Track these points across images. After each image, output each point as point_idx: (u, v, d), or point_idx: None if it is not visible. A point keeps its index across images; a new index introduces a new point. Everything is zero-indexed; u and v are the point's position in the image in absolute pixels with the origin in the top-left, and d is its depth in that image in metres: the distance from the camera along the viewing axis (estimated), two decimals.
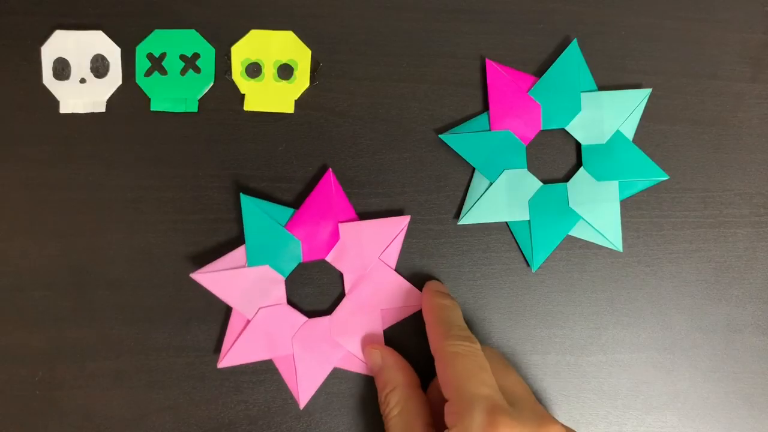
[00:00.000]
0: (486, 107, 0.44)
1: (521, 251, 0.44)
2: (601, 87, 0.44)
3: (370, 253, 0.42)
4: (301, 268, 0.43)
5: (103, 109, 0.43)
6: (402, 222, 0.43)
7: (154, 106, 0.43)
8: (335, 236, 0.42)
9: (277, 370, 0.43)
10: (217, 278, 0.41)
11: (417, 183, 0.44)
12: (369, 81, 0.44)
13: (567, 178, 0.44)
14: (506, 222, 0.44)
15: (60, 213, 0.43)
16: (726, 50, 0.46)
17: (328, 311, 0.43)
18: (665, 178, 0.44)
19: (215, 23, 0.44)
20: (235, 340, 0.41)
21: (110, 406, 0.42)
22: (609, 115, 0.44)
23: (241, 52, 0.44)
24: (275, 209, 0.42)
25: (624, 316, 0.44)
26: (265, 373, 0.43)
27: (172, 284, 0.43)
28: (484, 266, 0.44)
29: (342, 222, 0.42)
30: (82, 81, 0.43)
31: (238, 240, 0.43)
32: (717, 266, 0.45)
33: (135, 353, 0.43)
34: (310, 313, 0.43)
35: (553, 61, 0.44)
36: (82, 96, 0.43)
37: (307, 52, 0.44)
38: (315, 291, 0.43)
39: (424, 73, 0.44)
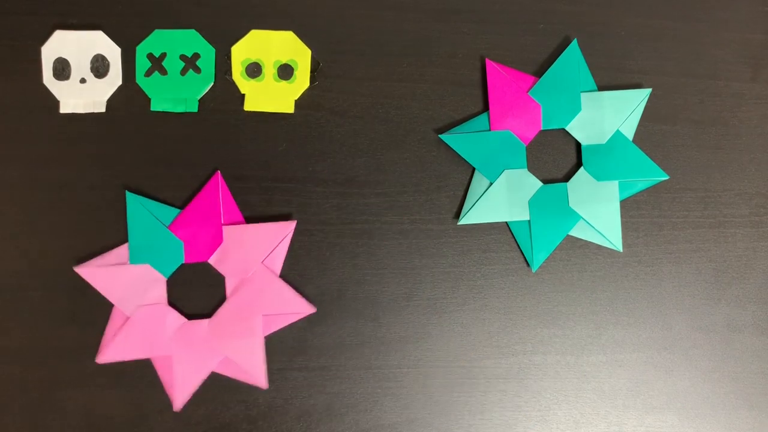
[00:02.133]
0: (486, 107, 0.44)
1: (521, 251, 0.44)
2: (601, 87, 0.44)
3: (253, 257, 0.41)
4: (184, 269, 0.42)
5: (103, 109, 0.43)
6: (288, 227, 0.42)
7: (154, 106, 0.43)
8: (219, 239, 0.42)
9: (277, 370, 0.43)
10: (99, 273, 0.41)
11: (417, 183, 0.44)
12: (369, 81, 0.44)
13: (567, 178, 0.44)
14: (506, 222, 0.44)
15: (60, 213, 0.43)
16: (726, 50, 0.46)
17: (209, 314, 0.42)
18: (665, 177, 0.44)
19: (215, 23, 0.44)
20: (115, 336, 0.41)
21: (110, 406, 0.42)
22: (609, 115, 0.44)
23: (241, 52, 0.44)
24: (160, 208, 0.42)
25: (624, 316, 0.44)
26: None
27: (172, 285, 0.43)
28: (484, 266, 0.44)
29: (226, 225, 0.42)
30: (82, 81, 0.43)
31: None
32: (717, 266, 0.45)
33: None
34: (192, 316, 0.42)
35: (553, 61, 0.44)
36: (82, 96, 0.43)
37: (307, 52, 0.44)
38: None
39: (424, 73, 0.44)
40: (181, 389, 0.41)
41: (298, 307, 0.42)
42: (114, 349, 0.41)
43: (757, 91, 0.46)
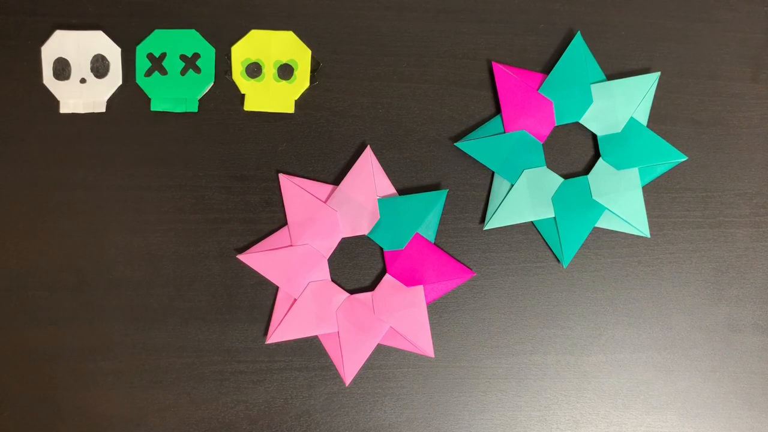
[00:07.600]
0: (493, 108, 0.44)
1: (550, 248, 0.44)
2: (609, 78, 0.44)
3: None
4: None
5: (103, 109, 0.43)
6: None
7: (154, 106, 0.43)
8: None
9: (277, 370, 0.43)
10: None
11: (417, 183, 0.44)
12: (369, 81, 0.44)
13: (587, 171, 0.44)
14: (532, 222, 0.44)
15: (60, 213, 0.43)
16: (726, 50, 0.46)
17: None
18: (683, 158, 0.43)
19: (215, 23, 0.44)
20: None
21: (110, 406, 0.42)
22: (621, 103, 0.44)
23: (241, 52, 0.44)
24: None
25: (624, 316, 0.44)
26: (265, 373, 0.43)
27: (172, 284, 0.43)
28: (484, 266, 0.44)
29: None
30: (82, 81, 0.43)
31: (239, 240, 0.43)
32: (717, 266, 0.45)
33: (135, 353, 0.43)
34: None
35: (554, 60, 0.44)
36: (82, 96, 0.43)
37: (307, 52, 0.44)
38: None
39: (424, 73, 0.44)
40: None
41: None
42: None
43: (757, 91, 0.46)
